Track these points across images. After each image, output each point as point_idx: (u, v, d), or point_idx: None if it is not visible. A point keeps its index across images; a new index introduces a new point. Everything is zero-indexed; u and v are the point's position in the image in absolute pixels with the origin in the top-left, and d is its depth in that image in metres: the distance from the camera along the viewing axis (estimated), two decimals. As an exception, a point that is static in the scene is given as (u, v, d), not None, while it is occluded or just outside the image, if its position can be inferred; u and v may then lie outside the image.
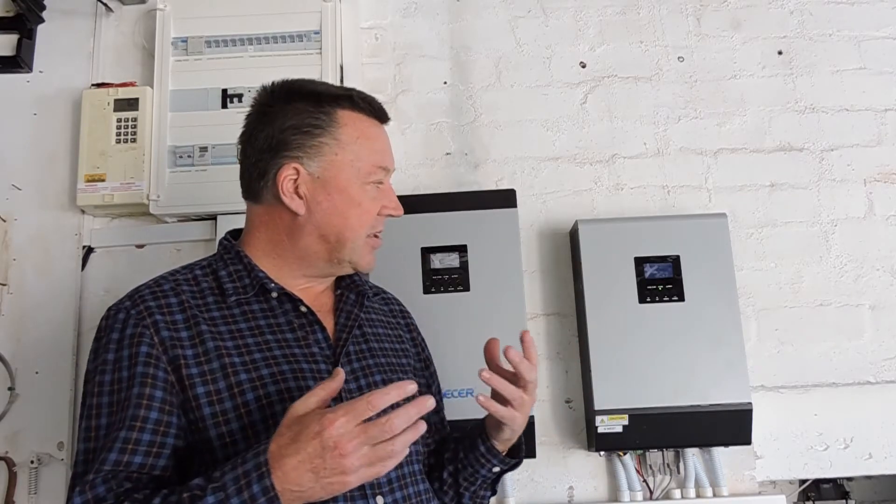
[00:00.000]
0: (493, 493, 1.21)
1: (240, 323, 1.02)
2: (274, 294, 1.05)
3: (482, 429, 1.14)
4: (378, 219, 1.10)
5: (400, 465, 1.00)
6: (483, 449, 1.13)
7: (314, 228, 1.06)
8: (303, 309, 1.06)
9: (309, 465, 0.81)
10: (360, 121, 1.09)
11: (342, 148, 1.06)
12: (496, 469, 1.14)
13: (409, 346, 1.21)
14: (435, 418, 1.22)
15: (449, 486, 1.15)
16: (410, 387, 0.85)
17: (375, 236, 1.11)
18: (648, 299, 1.61)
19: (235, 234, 1.15)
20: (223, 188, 1.66)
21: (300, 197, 1.05)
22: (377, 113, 1.12)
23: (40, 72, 1.82)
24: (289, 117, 1.06)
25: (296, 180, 1.05)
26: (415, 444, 1.05)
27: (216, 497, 0.82)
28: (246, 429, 0.95)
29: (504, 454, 1.14)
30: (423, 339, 1.28)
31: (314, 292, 1.11)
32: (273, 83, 1.11)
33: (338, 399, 1.00)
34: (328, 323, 1.08)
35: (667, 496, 1.65)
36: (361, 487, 0.96)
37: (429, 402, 0.84)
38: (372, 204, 1.08)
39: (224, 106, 1.72)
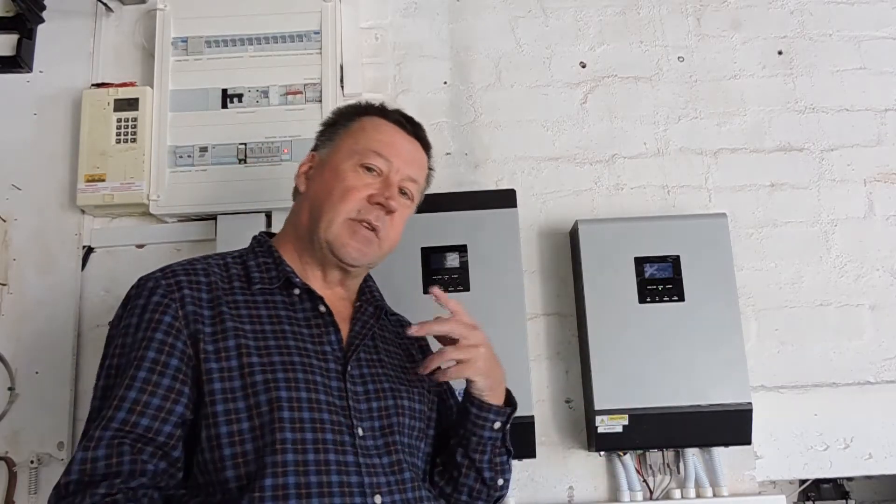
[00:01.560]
0: (510, 453, 1.17)
1: (260, 310, 1.04)
2: (297, 290, 1.08)
3: (465, 396, 1.14)
4: (367, 206, 1.09)
5: (399, 471, 1.02)
6: (475, 409, 1.11)
7: (308, 203, 1.14)
8: (322, 309, 1.08)
9: None
10: (376, 120, 1.17)
11: (348, 134, 1.16)
12: (496, 424, 1.12)
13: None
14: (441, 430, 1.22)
15: (467, 466, 1.13)
16: None
17: (362, 225, 1.09)
18: (648, 299, 1.61)
19: (269, 234, 1.19)
20: (223, 188, 1.67)
21: (307, 178, 1.17)
22: (401, 121, 1.18)
23: (40, 72, 1.82)
24: (326, 121, 1.23)
25: (311, 166, 1.18)
26: (410, 455, 1.07)
27: None
28: (251, 409, 0.96)
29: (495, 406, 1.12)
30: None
31: (334, 297, 1.13)
32: None
33: (343, 398, 1.02)
34: (343, 329, 1.10)
35: (667, 496, 1.65)
36: (361, 485, 0.97)
37: None
38: (359, 185, 1.10)
39: (224, 106, 1.72)
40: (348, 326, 1.11)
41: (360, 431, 1.01)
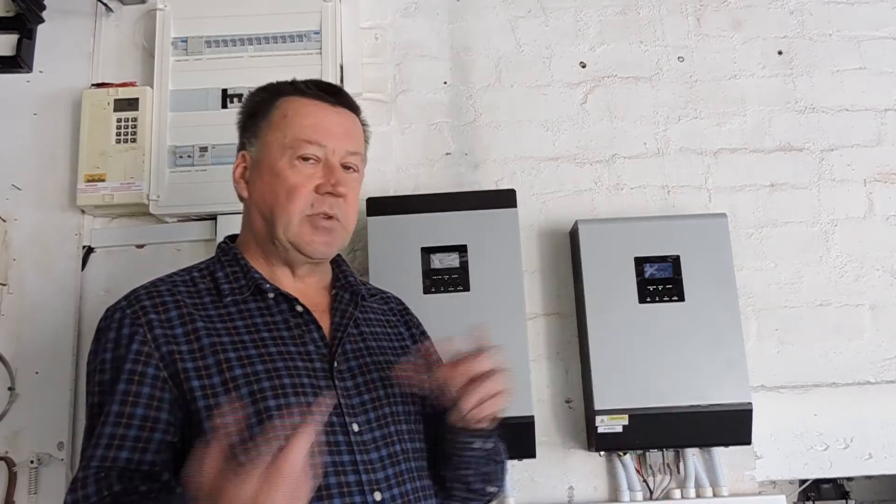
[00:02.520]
0: (499, 462, 1.13)
1: (236, 321, 1.03)
2: (270, 294, 1.06)
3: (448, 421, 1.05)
4: (318, 198, 1.06)
5: (396, 463, 1.02)
6: (459, 436, 1.05)
7: (256, 209, 1.10)
8: (299, 308, 1.06)
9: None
10: (295, 101, 1.11)
11: (272, 128, 1.10)
12: (476, 444, 1.06)
13: (409, 344, 1.21)
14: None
15: (452, 480, 1.11)
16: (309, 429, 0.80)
17: (326, 217, 1.07)
18: (648, 299, 1.61)
19: (234, 238, 1.16)
20: (223, 188, 1.66)
21: (245, 182, 1.11)
22: (321, 94, 1.11)
23: (40, 72, 1.82)
24: (243, 111, 1.15)
25: (245, 167, 1.12)
26: (410, 441, 1.06)
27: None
28: (239, 422, 0.95)
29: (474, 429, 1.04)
30: (422, 333, 1.26)
31: (309, 293, 1.11)
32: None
33: (336, 402, 1.01)
34: (324, 322, 1.08)
35: (667, 496, 1.65)
36: (359, 483, 0.96)
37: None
38: (303, 180, 1.06)
39: (224, 106, 1.72)
40: (329, 318, 1.10)
41: (356, 427, 1.00)
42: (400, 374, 1.05)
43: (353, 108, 1.16)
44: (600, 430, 1.55)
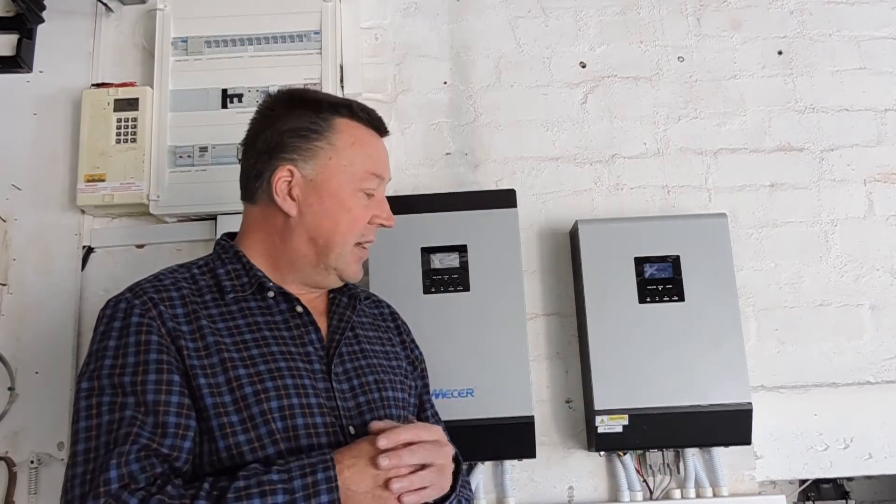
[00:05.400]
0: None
1: (237, 319, 1.03)
2: (271, 293, 1.07)
3: None
4: (368, 228, 1.11)
5: None
6: None
7: (304, 231, 1.08)
8: (298, 309, 1.07)
9: (362, 468, 0.91)
10: (356, 128, 1.11)
11: (337, 153, 1.08)
12: None
13: (399, 349, 1.22)
14: (421, 416, 1.22)
15: None
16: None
17: (363, 246, 1.12)
18: (648, 299, 1.61)
19: (230, 236, 1.16)
20: (223, 188, 1.67)
21: (293, 199, 1.07)
22: (375, 123, 1.14)
23: (40, 72, 1.82)
24: (288, 122, 1.09)
25: (290, 182, 1.08)
26: None
27: (280, 476, 0.88)
28: (245, 421, 0.96)
29: None
30: (412, 340, 1.28)
31: (308, 297, 1.12)
32: (278, 90, 1.15)
33: (331, 399, 1.02)
34: (321, 324, 1.10)
35: (667, 496, 1.65)
36: None
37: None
38: (363, 211, 1.09)
39: (224, 106, 1.72)
40: (326, 321, 1.11)
41: (352, 430, 1.02)
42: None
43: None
44: (600, 430, 1.55)
